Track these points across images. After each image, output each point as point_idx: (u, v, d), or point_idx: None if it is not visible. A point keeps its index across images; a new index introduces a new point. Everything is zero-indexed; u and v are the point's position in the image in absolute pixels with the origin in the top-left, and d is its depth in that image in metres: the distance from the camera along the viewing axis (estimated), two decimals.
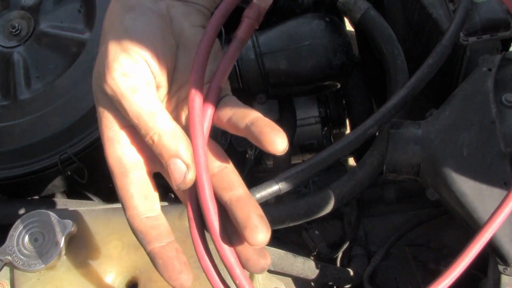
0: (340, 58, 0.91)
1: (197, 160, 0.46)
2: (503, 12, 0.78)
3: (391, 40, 0.87)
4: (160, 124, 0.47)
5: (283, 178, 0.71)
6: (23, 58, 0.87)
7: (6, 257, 0.64)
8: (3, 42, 0.88)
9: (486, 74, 0.66)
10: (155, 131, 0.46)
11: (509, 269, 0.60)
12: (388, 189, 0.92)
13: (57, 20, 0.90)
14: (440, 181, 0.64)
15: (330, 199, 0.78)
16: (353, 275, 0.87)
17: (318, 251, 0.90)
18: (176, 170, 0.46)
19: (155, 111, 0.47)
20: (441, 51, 0.74)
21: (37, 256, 0.64)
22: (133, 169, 0.49)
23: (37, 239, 0.65)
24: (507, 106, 0.64)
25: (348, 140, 0.73)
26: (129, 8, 0.49)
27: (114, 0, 0.51)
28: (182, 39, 0.51)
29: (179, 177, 0.46)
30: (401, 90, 0.73)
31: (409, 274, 0.87)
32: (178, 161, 0.46)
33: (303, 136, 1.07)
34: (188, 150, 0.46)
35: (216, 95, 0.49)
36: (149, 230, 0.48)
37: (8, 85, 0.87)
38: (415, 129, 0.67)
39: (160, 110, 0.47)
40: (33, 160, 0.83)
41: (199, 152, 0.46)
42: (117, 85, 0.47)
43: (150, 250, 0.47)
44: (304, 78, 0.93)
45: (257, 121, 0.45)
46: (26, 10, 0.90)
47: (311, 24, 0.92)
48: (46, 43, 0.88)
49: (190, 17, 0.52)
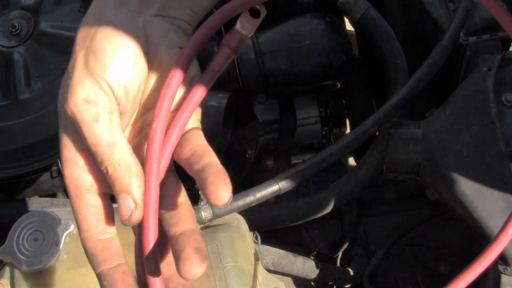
0: (340, 58, 0.91)
1: (147, 200, 0.46)
2: None
3: (391, 40, 0.87)
4: (117, 157, 0.46)
5: (283, 178, 0.71)
6: (23, 58, 0.87)
7: (6, 257, 0.64)
8: (3, 42, 0.88)
9: (486, 74, 0.66)
10: (110, 163, 0.46)
11: (509, 269, 0.60)
12: (388, 189, 0.92)
13: (57, 20, 0.90)
14: (440, 181, 0.64)
15: (330, 199, 0.78)
16: (353, 275, 0.87)
17: (318, 251, 0.90)
18: (125, 206, 0.46)
19: (114, 142, 0.46)
20: (441, 51, 0.74)
21: (37, 256, 0.64)
22: (88, 191, 0.48)
23: (37, 239, 0.65)
24: (507, 106, 0.64)
25: (348, 140, 0.73)
26: (102, 25, 0.48)
27: (89, 11, 0.50)
28: (156, 60, 0.50)
29: (126, 214, 0.46)
30: (401, 90, 0.73)
31: (409, 274, 0.87)
32: (128, 198, 0.46)
33: (303, 136, 1.07)
34: (139, 188, 0.46)
35: (180, 131, 0.48)
36: (100, 253, 0.48)
37: (8, 85, 0.87)
38: (415, 129, 0.67)
39: (119, 141, 0.46)
40: (33, 160, 0.83)
41: (151, 192, 0.46)
42: (78, 111, 0.46)
43: (98, 272, 0.47)
44: (304, 78, 0.93)
45: (207, 168, 0.45)
46: (26, 10, 0.90)
47: (311, 24, 0.92)
48: (46, 43, 0.88)
49: (167, 36, 0.50)
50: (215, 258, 0.65)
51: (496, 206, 0.59)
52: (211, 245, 0.66)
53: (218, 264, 0.64)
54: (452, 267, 0.83)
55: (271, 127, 1.07)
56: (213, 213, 0.69)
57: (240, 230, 0.71)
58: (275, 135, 1.06)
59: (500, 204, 0.59)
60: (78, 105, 0.46)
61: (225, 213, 0.70)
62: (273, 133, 1.06)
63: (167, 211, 0.47)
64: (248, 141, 0.95)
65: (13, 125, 0.84)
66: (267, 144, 1.08)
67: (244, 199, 0.70)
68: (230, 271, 0.65)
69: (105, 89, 0.47)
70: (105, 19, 0.49)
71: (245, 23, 0.50)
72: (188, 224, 0.46)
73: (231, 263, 0.65)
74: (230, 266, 0.65)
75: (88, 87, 0.46)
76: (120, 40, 0.48)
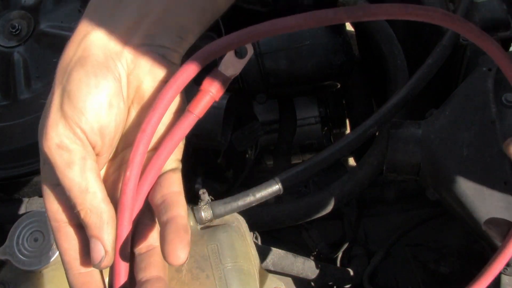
0: (340, 58, 0.91)
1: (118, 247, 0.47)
2: (503, 12, 0.78)
3: (391, 40, 0.87)
4: (89, 203, 0.46)
5: (283, 178, 0.71)
6: (23, 58, 0.87)
7: (6, 257, 0.64)
8: (3, 42, 0.88)
9: (486, 74, 0.66)
10: (82, 208, 0.46)
11: (509, 269, 0.60)
12: (388, 189, 0.92)
13: (57, 20, 0.90)
14: (440, 180, 0.64)
15: (330, 199, 0.78)
16: (353, 275, 0.87)
17: (318, 251, 0.90)
18: (95, 251, 0.46)
19: (86, 188, 0.46)
20: (441, 51, 0.74)
21: (37, 256, 0.64)
22: (67, 225, 0.49)
23: (37, 239, 0.65)
24: (507, 106, 0.64)
25: (348, 140, 0.73)
26: (80, 60, 0.47)
27: (70, 41, 0.49)
28: (138, 95, 0.49)
29: (96, 258, 0.46)
30: (401, 90, 0.73)
31: (409, 274, 0.87)
32: (99, 244, 0.46)
33: (303, 136, 1.07)
34: (110, 236, 0.47)
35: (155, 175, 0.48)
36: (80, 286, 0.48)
37: (8, 85, 0.87)
38: (415, 129, 0.67)
39: (92, 188, 0.46)
40: (33, 160, 0.83)
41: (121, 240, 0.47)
42: (52, 155, 0.46)
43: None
44: (304, 78, 0.93)
45: (170, 223, 0.45)
46: (26, 10, 0.90)
47: None
48: (46, 43, 0.88)
49: (152, 69, 0.48)
50: (215, 258, 0.65)
51: (496, 206, 0.59)
52: (211, 245, 0.66)
53: (218, 264, 0.64)
54: (452, 267, 0.83)
55: (271, 127, 1.07)
56: (213, 213, 0.69)
57: (240, 230, 0.71)
58: (275, 135, 1.06)
59: (500, 204, 0.59)
60: (51, 149, 0.46)
61: (225, 213, 0.70)
62: (273, 133, 1.06)
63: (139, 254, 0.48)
64: (248, 141, 0.95)
65: (13, 125, 0.84)
66: (267, 144, 1.08)
67: (244, 199, 0.70)
68: (230, 271, 0.64)
69: (78, 134, 0.46)
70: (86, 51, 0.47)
71: (229, 64, 0.48)
72: (155, 271, 0.47)
73: (231, 263, 0.65)
74: (230, 266, 0.65)
75: (61, 132, 0.46)
76: (96, 81, 0.46)
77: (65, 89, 0.47)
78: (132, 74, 0.48)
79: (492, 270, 0.50)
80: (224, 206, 0.69)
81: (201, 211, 0.68)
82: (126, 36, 0.48)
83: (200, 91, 0.48)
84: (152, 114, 0.46)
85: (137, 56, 0.48)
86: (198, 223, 0.68)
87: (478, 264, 0.55)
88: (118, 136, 0.49)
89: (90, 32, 0.48)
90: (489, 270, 0.50)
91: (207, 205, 0.69)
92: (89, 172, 0.47)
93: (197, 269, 0.63)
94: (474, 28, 0.45)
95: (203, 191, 0.70)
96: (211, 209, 0.69)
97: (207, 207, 0.69)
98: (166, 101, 0.46)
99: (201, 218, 0.68)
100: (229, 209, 0.69)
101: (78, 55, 0.47)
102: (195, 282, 0.60)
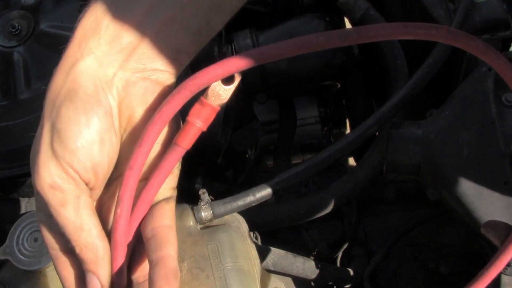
0: (340, 58, 0.91)
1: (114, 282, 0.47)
2: (503, 12, 0.78)
3: (391, 40, 0.87)
4: (84, 240, 0.46)
5: (283, 178, 0.71)
6: (23, 58, 0.87)
7: (6, 257, 0.64)
8: (3, 42, 0.88)
9: (486, 74, 0.66)
10: (77, 244, 0.46)
11: (509, 269, 0.60)
12: (388, 189, 0.92)
13: (57, 20, 0.90)
14: (440, 181, 0.64)
15: (330, 199, 0.78)
16: (353, 275, 0.87)
17: (318, 251, 0.90)
18: (92, 284, 0.47)
19: (81, 226, 0.46)
20: (441, 51, 0.74)
21: (37, 256, 0.64)
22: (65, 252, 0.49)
23: (37, 239, 0.65)
24: (507, 106, 0.64)
25: (348, 140, 0.73)
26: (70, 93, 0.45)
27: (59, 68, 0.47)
28: (130, 123, 0.48)
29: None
30: (401, 90, 0.73)
31: (409, 274, 0.87)
32: (95, 279, 0.47)
33: (303, 136, 1.07)
34: (106, 271, 0.47)
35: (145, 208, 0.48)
36: None
37: (8, 85, 0.87)
38: (415, 129, 0.67)
39: (86, 226, 0.46)
40: None
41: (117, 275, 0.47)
42: (45, 194, 0.45)
43: None
44: (304, 78, 0.93)
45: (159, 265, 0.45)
46: (26, 10, 0.90)
47: (311, 24, 0.92)
48: (46, 43, 0.88)
49: (144, 97, 0.47)
50: (215, 258, 0.65)
51: (496, 206, 0.59)
52: (211, 245, 0.66)
53: (218, 264, 0.64)
54: (452, 267, 0.83)
55: (271, 127, 1.07)
56: (213, 213, 0.69)
57: (240, 230, 0.71)
58: (275, 135, 1.06)
59: (500, 204, 0.59)
60: (44, 189, 0.45)
61: (225, 213, 0.70)
62: (273, 133, 1.06)
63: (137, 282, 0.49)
64: (248, 141, 0.95)
65: (13, 125, 0.84)
66: (267, 144, 1.08)
67: (244, 199, 0.70)
68: (230, 271, 0.64)
69: (71, 174, 0.45)
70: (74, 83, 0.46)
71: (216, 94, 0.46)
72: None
73: (231, 263, 0.65)
74: (230, 266, 0.65)
75: (53, 172, 0.45)
76: (87, 118, 0.45)
77: (54, 126, 0.46)
78: (124, 102, 0.47)
79: (492, 270, 0.50)
80: (224, 206, 0.69)
81: (201, 211, 0.68)
82: (117, 61, 0.46)
83: (187, 122, 0.47)
84: (138, 151, 0.46)
85: (129, 84, 0.47)
86: (198, 223, 0.68)
87: (478, 264, 0.55)
88: (111, 168, 0.49)
89: (79, 59, 0.46)
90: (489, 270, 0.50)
91: (207, 205, 0.69)
92: (83, 210, 0.46)
93: (197, 269, 0.63)
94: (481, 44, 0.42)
95: (203, 191, 0.70)
96: (211, 209, 0.69)
97: (207, 207, 0.69)
98: (152, 136, 0.46)
99: (201, 218, 0.68)
100: (229, 209, 0.69)
101: (67, 86, 0.46)
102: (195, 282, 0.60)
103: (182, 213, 0.66)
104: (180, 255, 0.65)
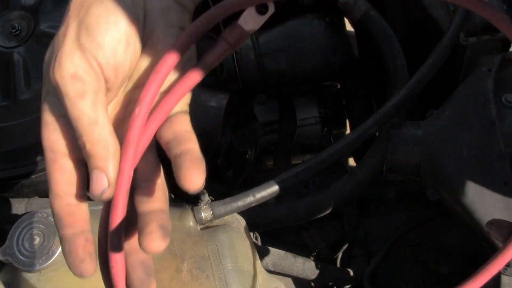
0: (340, 58, 0.91)
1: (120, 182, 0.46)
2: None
3: (391, 40, 0.87)
4: (97, 135, 0.45)
5: (283, 178, 0.71)
6: (23, 59, 0.87)
7: (6, 257, 0.64)
8: (3, 42, 0.88)
9: (486, 74, 0.66)
10: (89, 139, 0.45)
11: (509, 269, 0.60)
12: (388, 189, 0.92)
13: (57, 20, 0.90)
14: (440, 181, 0.64)
15: (330, 200, 0.78)
16: (353, 276, 0.87)
17: (318, 251, 0.90)
18: (98, 182, 0.45)
19: (96, 120, 0.45)
20: (441, 51, 0.74)
21: (37, 256, 0.64)
22: (64, 156, 0.48)
23: (37, 239, 0.65)
24: (507, 106, 0.64)
25: (348, 140, 0.73)
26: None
27: None
28: (152, 39, 0.49)
29: (97, 190, 0.45)
30: (401, 90, 0.73)
31: (409, 274, 0.87)
32: (103, 175, 0.45)
33: (303, 136, 1.07)
34: (115, 168, 0.46)
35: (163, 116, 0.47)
36: (66, 216, 0.47)
37: (8, 85, 0.87)
38: (415, 129, 0.67)
39: (102, 120, 0.46)
40: (33, 160, 0.83)
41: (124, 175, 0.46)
42: (64, 85, 0.45)
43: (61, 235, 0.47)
44: (304, 78, 0.93)
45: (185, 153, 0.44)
46: (26, 10, 0.90)
47: (311, 24, 0.93)
48: (46, 43, 0.87)
49: (167, 14, 0.49)
50: (215, 258, 0.65)
51: (496, 206, 0.59)
52: (211, 245, 0.66)
53: (218, 265, 0.64)
54: (452, 267, 0.83)
55: (271, 127, 1.07)
56: (213, 213, 0.69)
57: (240, 230, 0.71)
58: (275, 136, 1.06)
59: (500, 204, 0.59)
60: (64, 79, 0.45)
61: (225, 213, 0.70)
62: (273, 134, 1.06)
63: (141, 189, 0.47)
64: (248, 142, 0.95)
65: (13, 125, 0.84)
66: (267, 145, 1.08)
67: (244, 199, 0.70)
68: (230, 272, 0.65)
69: (94, 67, 0.45)
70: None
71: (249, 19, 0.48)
72: (158, 204, 0.46)
73: (231, 264, 0.65)
74: (230, 266, 0.65)
75: (77, 63, 0.45)
76: (116, 18, 0.46)
77: (82, 22, 0.46)
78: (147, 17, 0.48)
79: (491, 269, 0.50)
80: (224, 206, 0.69)
81: (201, 211, 0.68)
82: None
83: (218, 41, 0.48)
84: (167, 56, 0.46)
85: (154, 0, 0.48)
86: (198, 224, 0.68)
87: (478, 264, 0.55)
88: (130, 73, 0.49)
89: None
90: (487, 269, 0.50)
91: (207, 206, 0.69)
92: (100, 105, 0.46)
93: (197, 270, 0.63)
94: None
95: (203, 191, 0.70)
96: (211, 209, 0.69)
97: (207, 207, 0.69)
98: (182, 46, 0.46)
99: (201, 218, 0.68)
100: (229, 209, 0.69)
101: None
102: (195, 282, 0.60)
103: (182, 214, 0.66)
104: (180, 255, 0.65)
